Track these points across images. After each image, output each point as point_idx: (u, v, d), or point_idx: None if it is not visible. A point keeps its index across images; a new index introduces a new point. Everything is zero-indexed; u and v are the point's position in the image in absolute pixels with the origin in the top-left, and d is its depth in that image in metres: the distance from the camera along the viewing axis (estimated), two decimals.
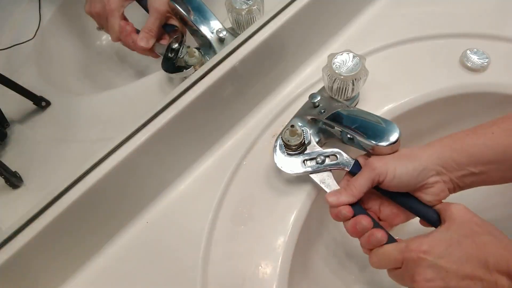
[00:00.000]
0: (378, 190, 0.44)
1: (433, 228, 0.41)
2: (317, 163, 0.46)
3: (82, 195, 0.42)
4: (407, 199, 0.43)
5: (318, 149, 0.48)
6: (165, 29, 0.61)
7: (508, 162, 0.40)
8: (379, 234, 0.40)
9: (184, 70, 0.56)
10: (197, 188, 0.52)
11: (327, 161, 0.46)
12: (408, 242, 0.38)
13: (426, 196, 0.42)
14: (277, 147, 0.48)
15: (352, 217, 0.42)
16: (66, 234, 0.44)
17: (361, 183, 0.42)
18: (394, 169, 0.41)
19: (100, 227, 0.48)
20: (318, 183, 0.46)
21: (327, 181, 0.46)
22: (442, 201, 0.42)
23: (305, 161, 0.47)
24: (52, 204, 0.42)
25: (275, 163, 0.48)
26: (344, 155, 0.46)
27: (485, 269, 0.34)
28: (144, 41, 0.59)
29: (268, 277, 0.45)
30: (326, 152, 0.47)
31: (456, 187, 0.42)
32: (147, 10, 0.62)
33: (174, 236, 0.49)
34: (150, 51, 0.61)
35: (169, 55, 0.58)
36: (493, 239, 0.36)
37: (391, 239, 0.40)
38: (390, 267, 0.40)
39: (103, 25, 0.62)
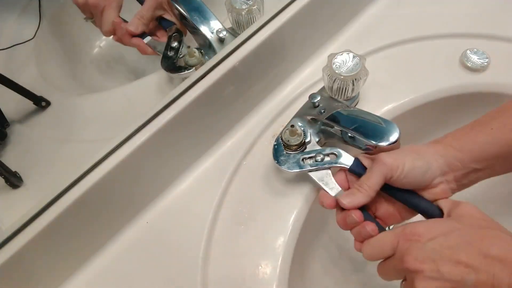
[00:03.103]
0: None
1: None
2: (316, 161, 0.46)
3: (82, 195, 0.42)
4: (410, 196, 0.42)
5: (318, 147, 0.48)
6: (162, 24, 0.61)
7: (510, 155, 0.40)
8: (369, 227, 0.39)
9: (185, 71, 0.55)
10: (197, 188, 0.52)
11: (326, 159, 0.46)
12: (404, 226, 0.37)
13: (430, 196, 0.42)
14: (276, 146, 0.48)
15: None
16: (66, 234, 0.44)
17: (375, 180, 0.41)
18: (404, 165, 0.40)
19: (100, 227, 0.48)
20: (317, 181, 0.45)
21: (325, 180, 0.45)
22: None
23: (304, 159, 0.47)
24: (52, 204, 0.42)
25: (274, 162, 0.47)
26: (344, 153, 0.45)
27: (484, 260, 0.32)
28: (133, 26, 0.58)
29: (268, 277, 0.45)
30: (325, 150, 0.46)
31: (459, 186, 0.42)
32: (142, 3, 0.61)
33: (174, 236, 0.49)
34: (146, 48, 0.59)
35: (169, 53, 0.57)
36: (501, 234, 0.34)
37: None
38: (383, 255, 0.38)
39: (94, 16, 0.60)
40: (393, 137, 0.43)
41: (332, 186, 0.45)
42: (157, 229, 0.50)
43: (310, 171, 0.46)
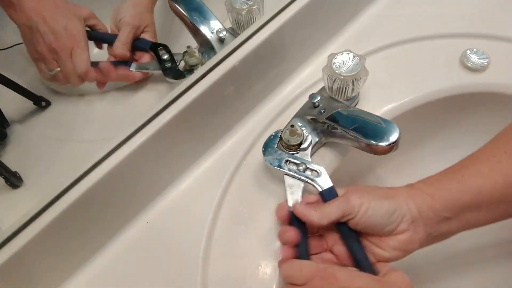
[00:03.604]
0: (339, 225, 0.41)
1: None
2: (297, 169, 0.45)
3: (82, 195, 0.42)
4: (355, 245, 0.40)
5: (308, 158, 0.47)
6: (139, 46, 0.59)
7: (483, 204, 0.39)
8: (290, 233, 0.39)
9: (195, 71, 0.55)
10: (197, 188, 0.52)
11: (307, 173, 0.45)
12: (327, 266, 0.36)
13: (393, 243, 0.39)
14: (272, 137, 0.48)
15: (296, 245, 0.40)
16: (66, 234, 0.44)
17: (332, 211, 0.39)
18: (368, 207, 0.38)
19: (100, 227, 0.48)
20: (285, 185, 0.44)
21: (294, 189, 0.44)
22: (399, 260, 0.40)
23: (287, 161, 0.46)
24: (52, 204, 0.42)
25: (262, 148, 0.47)
26: (325, 176, 0.44)
27: None
28: (121, 51, 0.56)
29: (268, 277, 0.45)
30: (311, 164, 0.45)
31: (429, 239, 0.40)
32: (105, 41, 0.59)
33: (174, 236, 0.49)
34: (135, 74, 0.58)
35: (166, 65, 0.57)
36: None
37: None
38: (296, 280, 0.36)
39: (61, 62, 0.54)
40: (393, 137, 0.43)
41: (295, 197, 0.44)
42: (157, 229, 0.50)
43: (286, 174, 0.45)
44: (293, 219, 0.42)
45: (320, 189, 0.43)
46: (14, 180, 0.52)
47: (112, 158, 0.44)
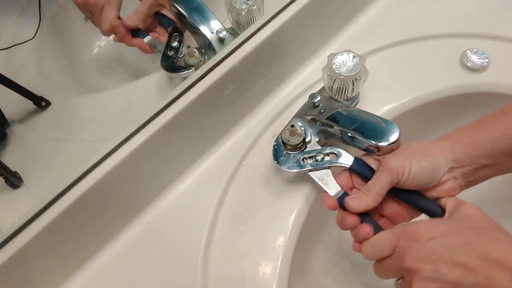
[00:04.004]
0: None
1: None
2: (316, 161, 0.46)
3: (82, 195, 0.42)
4: (411, 196, 0.42)
5: (318, 147, 0.48)
6: (162, 23, 0.61)
7: None
8: (364, 230, 0.40)
9: (185, 71, 0.55)
10: (197, 188, 0.52)
11: (326, 159, 0.46)
12: (405, 226, 0.37)
13: (437, 194, 0.41)
14: (276, 146, 0.48)
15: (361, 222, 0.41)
16: (66, 234, 0.44)
17: (382, 186, 0.41)
18: (410, 168, 0.40)
19: (100, 227, 0.48)
20: (317, 181, 0.45)
21: (325, 179, 0.45)
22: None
23: (304, 159, 0.47)
24: (52, 204, 0.42)
25: (274, 162, 0.47)
26: (344, 153, 0.45)
27: (484, 262, 0.31)
28: (129, 20, 0.58)
29: (268, 277, 0.45)
30: (325, 150, 0.46)
31: (468, 183, 0.41)
32: None
33: (174, 236, 0.49)
34: (147, 47, 0.59)
35: (169, 53, 0.57)
36: (502, 236, 0.33)
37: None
38: (384, 254, 0.37)
39: (94, 15, 0.60)
40: (393, 137, 0.43)
41: (331, 186, 0.45)
42: (157, 229, 0.50)
43: (310, 170, 0.46)
44: (342, 203, 0.43)
45: (348, 166, 0.44)
46: (14, 180, 0.52)
47: (112, 158, 0.44)
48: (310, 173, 0.46)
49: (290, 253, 0.46)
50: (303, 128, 0.48)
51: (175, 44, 0.58)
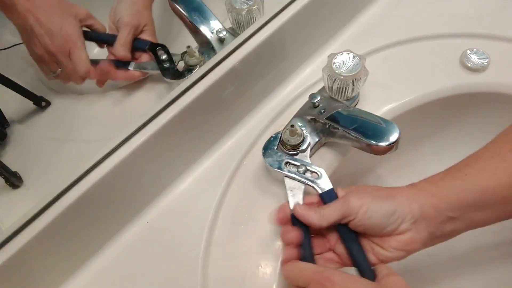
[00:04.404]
0: (339, 226, 0.41)
1: None
2: (297, 171, 0.46)
3: (82, 195, 0.42)
4: (354, 247, 0.40)
5: (307, 160, 0.47)
6: (138, 46, 0.59)
7: (487, 204, 0.38)
8: (292, 234, 0.40)
9: (194, 71, 0.55)
10: (197, 188, 0.52)
11: (307, 174, 0.45)
12: (325, 269, 0.36)
13: (395, 243, 0.39)
14: (272, 139, 0.48)
15: (299, 245, 0.41)
16: (66, 234, 0.44)
17: (331, 213, 0.39)
18: (368, 206, 0.38)
19: (100, 227, 0.48)
20: (286, 188, 0.45)
21: (295, 191, 0.44)
22: (398, 261, 0.40)
23: (287, 163, 0.46)
24: (52, 204, 0.42)
25: (262, 150, 0.48)
26: (325, 178, 0.44)
27: None
28: (122, 52, 0.56)
29: (268, 277, 0.45)
30: (311, 166, 0.46)
31: (432, 239, 0.39)
32: (104, 41, 0.59)
33: (174, 236, 0.49)
34: (135, 74, 0.58)
35: (165, 66, 0.57)
36: None
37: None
38: (296, 283, 0.37)
39: (61, 64, 0.55)
40: (393, 137, 0.43)
41: (296, 200, 0.44)
42: (157, 229, 0.50)
43: (287, 176, 0.46)
44: (294, 220, 0.42)
45: (320, 191, 0.43)
46: (14, 180, 0.52)
47: (112, 158, 0.44)
48: (285, 178, 0.46)
49: None
50: (303, 128, 0.48)
51: (164, 56, 0.57)
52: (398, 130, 0.43)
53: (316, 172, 0.45)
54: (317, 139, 0.49)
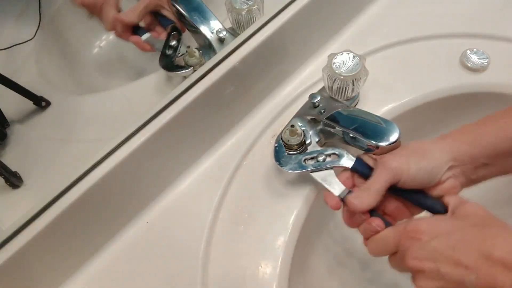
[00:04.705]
0: None
1: None
2: (318, 161, 0.46)
3: (82, 195, 0.42)
4: (414, 194, 0.42)
5: (319, 148, 0.48)
6: (161, 22, 0.61)
7: None
8: (375, 223, 0.39)
9: (183, 70, 0.55)
10: (197, 188, 0.52)
11: (328, 159, 0.46)
12: (406, 223, 0.37)
13: (438, 192, 0.41)
14: (277, 147, 0.48)
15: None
16: (66, 234, 0.44)
17: (381, 185, 0.40)
18: (408, 169, 0.40)
19: (100, 227, 0.48)
20: (320, 181, 0.45)
21: (329, 180, 0.45)
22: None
23: (306, 160, 0.47)
24: (52, 204, 0.42)
25: (275, 162, 0.47)
26: (345, 153, 0.45)
27: (486, 261, 0.31)
28: (124, 15, 0.59)
29: (268, 277, 0.45)
30: (327, 151, 0.46)
31: (469, 181, 0.41)
32: None
33: (174, 236, 0.49)
34: (144, 44, 0.61)
35: (167, 52, 0.58)
36: (504, 234, 0.32)
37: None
38: (387, 252, 0.38)
39: (95, 14, 0.62)
40: (393, 137, 0.43)
41: (335, 186, 0.44)
42: (157, 229, 0.50)
43: (313, 171, 0.46)
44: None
45: (350, 166, 0.44)
46: (14, 180, 0.52)
47: (112, 158, 0.44)
48: (312, 174, 0.46)
49: (290, 253, 0.46)
50: (303, 128, 0.48)
51: (173, 43, 0.58)
52: (398, 130, 0.43)
53: (335, 153, 0.46)
54: (317, 139, 0.49)
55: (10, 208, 0.51)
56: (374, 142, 0.43)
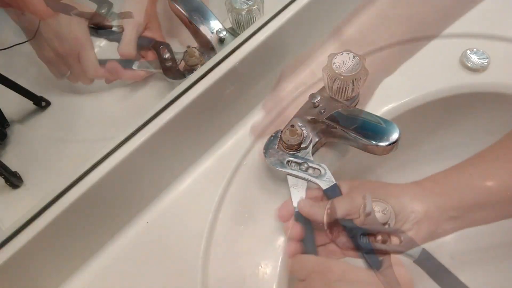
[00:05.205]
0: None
1: None
2: (299, 168, 0.46)
3: (82, 195, 0.42)
4: (357, 239, 0.40)
5: (309, 157, 0.47)
6: (142, 44, 0.59)
7: (490, 204, 0.38)
8: (295, 229, 0.40)
9: (193, 72, 0.55)
10: (197, 188, 0.52)
11: (310, 171, 0.45)
12: (328, 259, 0.37)
13: (395, 241, 0.39)
14: (272, 138, 0.48)
15: (302, 239, 0.41)
16: (66, 234, 0.44)
17: (336, 211, 0.40)
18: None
19: (100, 227, 0.48)
20: (289, 185, 0.45)
21: (298, 188, 0.45)
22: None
23: (289, 162, 0.47)
24: (52, 204, 0.42)
25: (263, 150, 0.48)
26: (328, 173, 0.45)
27: None
28: (127, 50, 0.56)
29: (268, 277, 0.45)
30: (313, 163, 0.46)
31: (432, 236, 0.39)
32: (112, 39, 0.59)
33: (174, 236, 0.49)
34: (140, 73, 0.58)
35: (167, 65, 0.57)
36: None
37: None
38: (301, 275, 0.38)
39: (70, 66, 0.56)
40: (393, 137, 0.43)
41: (299, 197, 0.44)
42: (157, 229, 0.50)
43: (289, 174, 0.46)
44: (298, 215, 0.43)
45: (324, 187, 0.44)
46: (14, 180, 0.52)
47: (112, 158, 0.44)
48: (288, 176, 0.46)
49: None
50: (303, 128, 0.48)
51: (167, 55, 0.57)
52: (398, 130, 0.43)
53: (318, 169, 0.45)
54: (317, 139, 0.49)
55: (10, 208, 0.51)
56: (374, 142, 0.43)
